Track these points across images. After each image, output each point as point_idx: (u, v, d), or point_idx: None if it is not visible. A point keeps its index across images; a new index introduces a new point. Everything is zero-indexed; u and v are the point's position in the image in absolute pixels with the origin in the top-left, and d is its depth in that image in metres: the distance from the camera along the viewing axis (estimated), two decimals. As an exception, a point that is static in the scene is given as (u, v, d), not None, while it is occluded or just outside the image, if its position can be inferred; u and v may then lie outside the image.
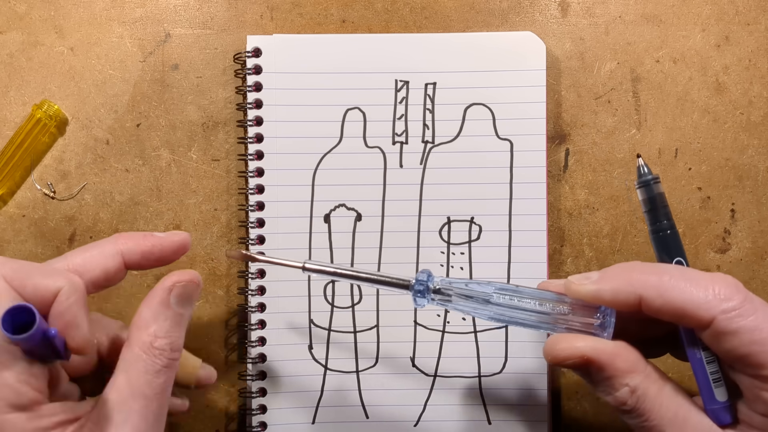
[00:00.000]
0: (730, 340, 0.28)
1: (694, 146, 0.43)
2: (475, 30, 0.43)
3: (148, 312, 0.32)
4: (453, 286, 0.33)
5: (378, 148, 0.42)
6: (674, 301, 0.28)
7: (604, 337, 0.31)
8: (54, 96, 0.43)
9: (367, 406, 0.42)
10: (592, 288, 0.30)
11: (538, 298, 0.32)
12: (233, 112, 0.43)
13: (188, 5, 0.43)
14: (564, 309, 0.31)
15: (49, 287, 0.29)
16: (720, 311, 0.28)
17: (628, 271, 0.30)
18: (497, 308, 0.32)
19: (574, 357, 0.30)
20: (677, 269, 0.30)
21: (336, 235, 0.42)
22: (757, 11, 0.43)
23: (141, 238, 0.33)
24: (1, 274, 0.28)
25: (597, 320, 0.31)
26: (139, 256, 0.33)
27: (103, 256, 0.32)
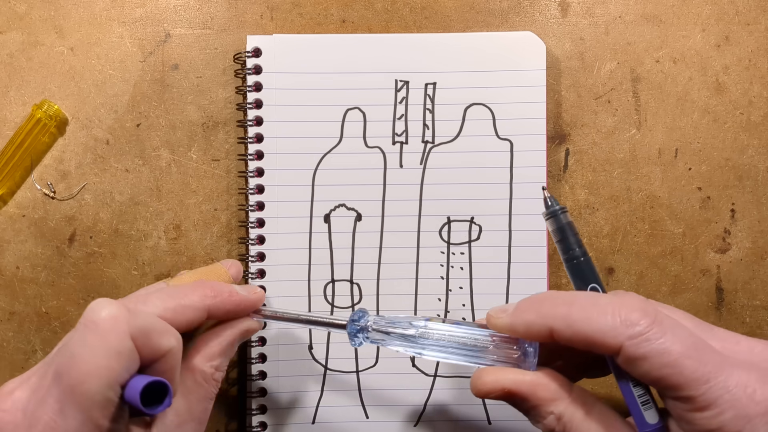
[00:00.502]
0: (641, 365, 0.28)
1: (694, 146, 0.43)
2: (475, 30, 0.43)
3: (218, 347, 0.34)
4: (383, 325, 0.34)
5: (378, 148, 0.42)
6: (582, 331, 0.29)
7: (526, 367, 0.31)
8: (54, 96, 0.43)
9: (367, 406, 0.42)
10: (507, 321, 0.31)
11: (464, 335, 0.33)
12: (233, 112, 0.43)
13: (188, 5, 0.43)
14: (487, 342, 0.32)
15: (163, 347, 0.29)
16: (626, 337, 0.28)
17: (539, 303, 0.30)
18: (425, 345, 0.33)
19: (497, 390, 0.31)
20: (587, 297, 0.30)
21: (336, 235, 0.42)
22: (757, 11, 0.43)
23: (227, 296, 0.34)
24: (129, 332, 0.28)
25: (517, 352, 0.32)
26: (222, 314, 0.35)
27: (191, 310, 0.33)
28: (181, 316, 0.32)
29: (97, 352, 0.27)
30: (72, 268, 0.42)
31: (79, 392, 0.27)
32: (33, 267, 0.42)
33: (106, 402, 0.27)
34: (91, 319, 0.28)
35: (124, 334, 0.28)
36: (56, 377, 0.28)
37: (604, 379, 0.32)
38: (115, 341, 0.27)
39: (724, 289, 0.43)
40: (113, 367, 0.27)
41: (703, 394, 0.27)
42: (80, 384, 0.27)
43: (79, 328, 0.28)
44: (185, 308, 0.32)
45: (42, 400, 0.28)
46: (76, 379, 0.27)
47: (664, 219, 0.43)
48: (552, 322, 0.29)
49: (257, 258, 0.42)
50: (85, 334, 0.27)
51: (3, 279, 0.42)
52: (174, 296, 0.33)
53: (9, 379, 0.30)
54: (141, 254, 0.43)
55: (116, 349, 0.27)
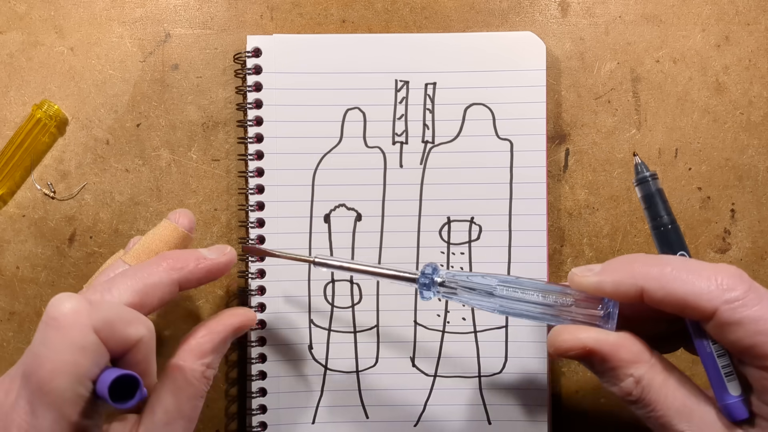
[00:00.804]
0: (734, 331, 0.27)
1: (694, 146, 0.43)
2: (475, 30, 0.43)
3: (210, 345, 0.33)
4: (457, 279, 0.34)
5: (378, 148, 0.42)
6: (676, 292, 0.28)
7: (608, 328, 0.31)
8: (54, 96, 0.43)
9: (367, 406, 0.42)
10: (594, 280, 0.30)
11: (542, 290, 0.32)
12: (233, 112, 0.43)
13: (188, 5, 0.43)
14: (568, 301, 0.31)
15: (131, 337, 0.29)
16: (722, 302, 0.27)
17: (630, 263, 0.30)
18: (501, 300, 0.32)
19: (577, 348, 0.30)
20: (679, 260, 0.30)
21: (336, 235, 0.42)
22: (757, 11, 0.43)
23: (193, 262, 0.33)
24: (92, 325, 0.27)
25: (601, 311, 0.31)
26: (195, 283, 0.33)
27: (161, 288, 0.32)
28: (151, 298, 0.31)
29: (60, 348, 0.26)
30: (72, 268, 0.42)
31: (47, 391, 0.26)
32: (33, 267, 0.42)
33: (77, 398, 0.27)
34: (52, 315, 0.27)
35: (87, 328, 0.27)
36: (24, 378, 0.27)
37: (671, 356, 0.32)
38: (77, 336, 0.27)
39: (724, 289, 0.43)
40: (79, 363, 0.26)
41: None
42: (47, 383, 0.26)
43: (41, 326, 0.27)
44: (153, 287, 0.31)
45: (13, 402, 0.27)
46: (42, 378, 0.26)
47: (664, 219, 0.43)
48: (644, 282, 0.29)
49: (257, 258, 0.42)
50: (46, 332, 0.27)
51: (3, 279, 0.42)
52: (138, 277, 0.31)
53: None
54: (141, 254, 0.43)
55: (80, 344, 0.27)
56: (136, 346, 0.29)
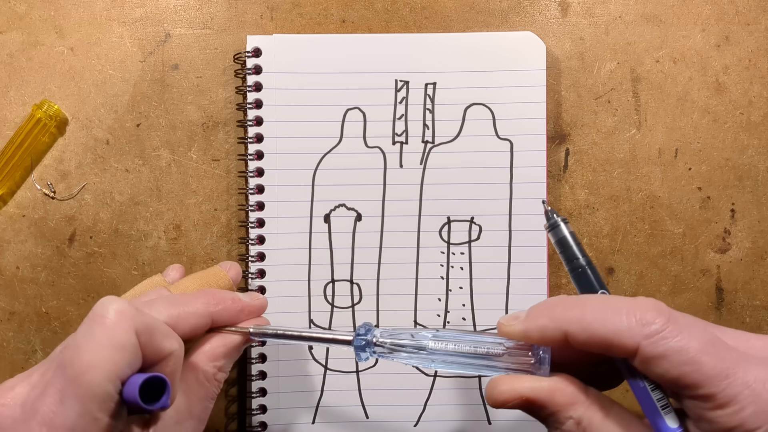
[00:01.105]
0: (659, 365, 0.27)
1: (694, 146, 0.43)
2: (475, 30, 0.43)
3: (223, 349, 0.34)
4: (392, 338, 0.33)
5: (378, 148, 0.42)
6: (597, 333, 0.28)
7: (542, 374, 0.31)
8: (54, 96, 0.43)
9: (367, 406, 0.42)
10: (520, 328, 0.30)
11: (475, 342, 0.32)
12: (233, 112, 0.43)
13: (188, 5, 0.43)
14: (500, 350, 0.32)
15: (165, 349, 0.30)
16: (643, 337, 0.27)
17: (551, 308, 0.30)
18: (435, 356, 0.32)
19: (514, 399, 0.30)
20: (599, 300, 0.30)
21: (336, 235, 0.42)
22: (757, 11, 0.43)
23: (230, 303, 0.35)
24: (134, 328, 0.28)
25: (532, 358, 0.31)
26: (225, 321, 0.35)
27: (195, 317, 0.33)
28: (185, 323, 0.33)
29: (101, 344, 0.27)
30: (72, 268, 0.42)
31: (81, 383, 0.27)
32: (33, 267, 0.42)
33: (106, 396, 0.27)
34: (99, 313, 0.28)
35: (130, 329, 0.28)
36: (60, 368, 0.28)
37: (611, 392, 0.32)
38: (120, 335, 0.28)
39: (724, 289, 0.43)
40: (116, 361, 0.27)
41: (722, 390, 0.26)
42: (82, 374, 0.27)
43: (86, 322, 0.29)
44: (189, 315, 0.33)
45: (42, 392, 0.28)
46: (78, 370, 0.27)
47: (664, 219, 0.43)
48: (566, 326, 0.29)
49: (257, 258, 0.42)
50: (91, 327, 0.28)
51: (3, 279, 0.42)
52: (177, 303, 0.33)
53: (8, 378, 0.30)
54: (141, 254, 0.43)
55: (121, 342, 0.28)
56: (167, 359, 0.30)
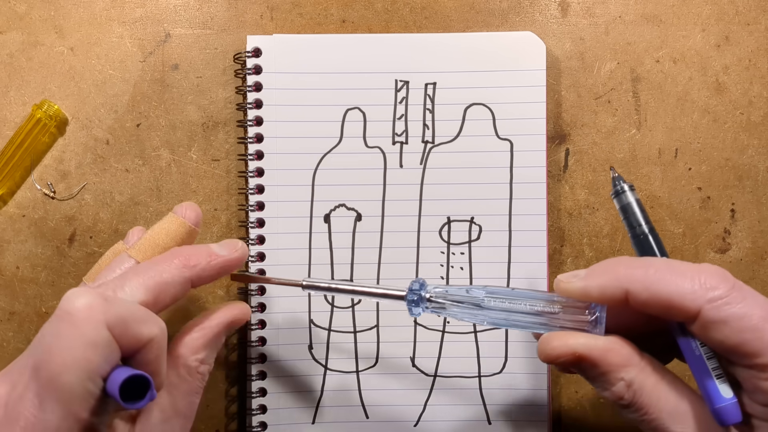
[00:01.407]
0: (720, 330, 0.27)
1: (694, 146, 0.43)
2: (475, 30, 0.43)
3: (203, 340, 0.33)
4: (445, 293, 0.34)
5: (378, 148, 0.42)
6: (660, 293, 0.28)
7: (596, 333, 0.31)
8: (54, 96, 0.43)
9: (367, 406, 0.42)
10: (580, 285, 0.30)
11: (529, 299, 0.32)
12: (233, 112, 0.43)
13: (188, 5, 0.43)
14: (555, 308, 0.32)
15: (144, 336, 0.28)
16: (706, 301, 0.27)
17: (614, 266, 0.30)
18: (490, 312, 0.32)
19: (566, 354, 0.30)
20: (663, 261, 0.30)
21: (336, 235, 0.42)
22: (757, 11, 0.43)
23: (206, 259, 0.33)
24: (105, 322, 0.27)
25: (588, 317, 0.31)
26: (207, 281, 0.33)
27: (174, 286, 0.31)
28: (164, 296, 0.31)
29: (72, 343, 0.26)
30: (72, 268, 0.42)
31: (57, 385, 0.26)
32: (33, 267, 0.42)
33: (86, 394, 0.26)
34: (65, 309, 0.27)
35: (100, 324, 0.27)
36: (34, 371, 0.27)
37: None
38: (90, 332, 0.26)
39: (724, 289, 0.43)
40: (90, 359, 0.26)
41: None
42: (57, 377, 0.26)
43: (54, 320, 0.27)
44: (166, 285, 0.31)
45: (21, 395, 0.27)
46: (53, 372, 0.26)
47: (664, 219, 0.43)
48: (628, 285, 0.28)
49: (257, 258, 0.42)
50: (59, 326, 0.27)
51: (3, 279, 0.42)
52: (151, 274, 0.31)
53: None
54: (141, 254, 0.43)
55: (92, 339, 0.26)
56: (148, 346, 0.28)
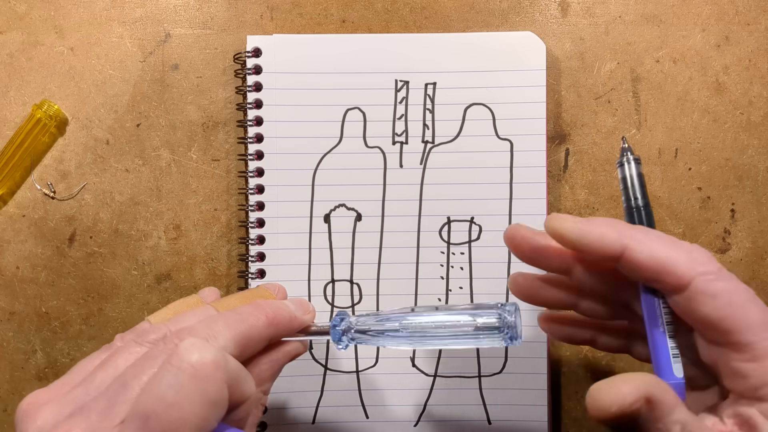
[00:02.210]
0: (707, 303, 0.27)
1: (694, 146, 0.43)
2: (475, 30, 0.43)
3: (270, 372, 0.32)
4: (364, 324, 0.33)
5: (378, 148, 0.42)
6: (658, 255, 0.28)
7: (514, 343, 0.31)
8: (54, 96, 0.43)
9: (367, 406, 0.42)
10: (577, 227, 0.29)
11: (447, 318, 0.32)
12: (233, 112, 0.43)
13: (188, 5, 0.43)
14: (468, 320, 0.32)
15: (246, 395, 0.28)
16: (699, 273, 0.27)
17: (615, 222, 0.29)
18: (409, 336, 0.32)
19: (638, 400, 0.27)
20: (657, 231, 0.30)
21: (336, 235, 0.42)
22: (757, 11, 0.43)
23: (287, 319, 0.32)
24: (225, 379, 0.26)
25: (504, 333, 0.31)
26: (279, 338, 0.33)
27: (259, 342, 0.31)
28: (247, 352, 0.30)
29: (194, 399, 0.25)
30: (72, 268, 0.42)
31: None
32: (33, 267, 0.42)
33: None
34: (190, 362, 0.25)
35: (223, 383, 0.26)
36: (141, 418, 0.25)
37: None
38: (214, 390, 0.25)
39: (724, 289, 0.43)
40: (208, 418, 0.25)
41: (763, 341, 0.26)
42: (172, 431, 0.25)
43: (171, 369, 0.26)
44: (252, 342, 0.30)
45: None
46: (167, 426, 0.25)
47: (664, 219, 0.43)
48: (629, 241, 0.28)
49: (257, 258, 0.42)
50: (181, 378, 0.25)
51: (3, 279, 0.42)
52: (240, 329, 0.30)
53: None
54: (141, 254, 0.43)
55: (214, 398, 0.25)
56: (245, 404, 0.28)
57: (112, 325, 0.43)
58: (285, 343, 0.33)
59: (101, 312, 0.42)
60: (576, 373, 0.43)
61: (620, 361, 0.43)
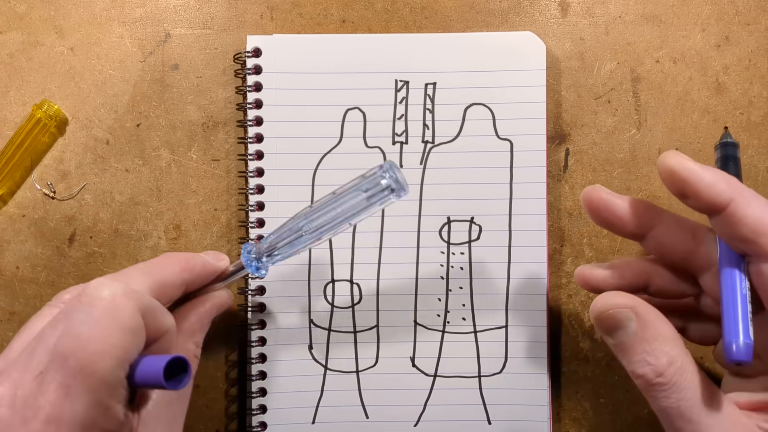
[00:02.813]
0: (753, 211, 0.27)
1: (694, 146, 0.43)
2: (475, 30, 0.43)
3: (199, 324, 0.34)
4: (269, 242, 0.35)
5: (378, 148, 0.42)
6: (764, 216, 0.28)
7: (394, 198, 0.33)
8: (54, 96, 0.43)
9: (367, 406, 0.42)
10: (693, 167, 0.29)
11: (335, 195, 0.34)
12: (233, 112, 0.43)
13: (188, 5, 0.43)
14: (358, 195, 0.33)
15: (164, 326, 0.29)
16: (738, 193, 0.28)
17: (727, 175, 0.30)
18: (314, 231, 0.34)
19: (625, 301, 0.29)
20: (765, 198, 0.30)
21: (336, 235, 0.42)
22: (757, 11, 0.43)
23: (201, 264, 0.34)
24: (138, 308, 0.27)
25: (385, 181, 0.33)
26: (196, 286, 0.34)
27: (173, 287, 0.32)
28: (162, 297, 0.31)
29: (109, 330, 0.26)
30: (72, 268, 0.42)
31: (90, 373, 0.25)
32: (33, 267, 0.42)
33: (116, 382, 0.26)
34: (99, 296, 0.27)
35: (136, 311, 0.27)
36: (59, 361, 0.26)
37: None
38: (128, 318, 0.26)
39: (724, 289, 0.43)
40: (127, 346, 0.26)
41: None
42: (91, 364, 0.25)
43: (81, 307, 0.27)
44: (166, 287, 0.31)
45: (39, 389, 0.26)
46: (86, 360, 0.25)
47: (664, 219, 0.43)
48: (738, 195, 0.28)
49: (257, 258, 0.42)
50: (93, 313, 0.26)
51: (3, 279, 0.42)
52: (154, 275, 0.31)
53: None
54: (141, 254, 0.43)
55: (129, 326, 0.26)
56: (164, 337, 0.29)
57: (112, 325, 0.43)
58: (210, 297, 0.35)
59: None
60: (576, 373, 0.43)
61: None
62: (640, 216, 0.32)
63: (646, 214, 0.32)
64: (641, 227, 0.32)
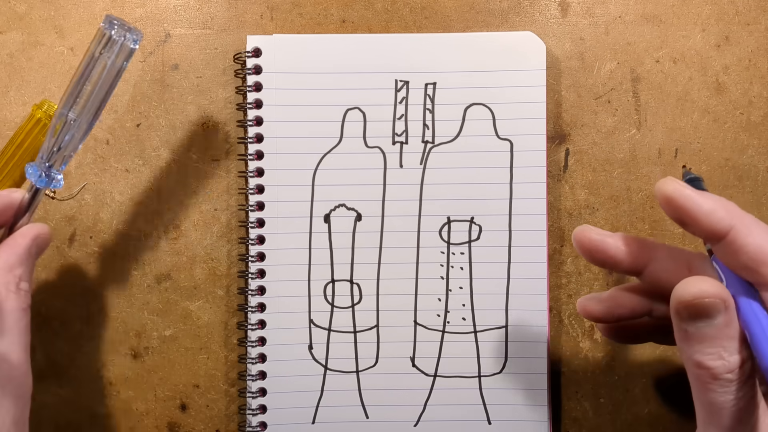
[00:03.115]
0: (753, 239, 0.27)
1: (694, 146, 0.43)
2: (475, 30, 0.43)
3: (15, 258, 0.33)
4: (44, 149, 0.35)
5: (378, 148, 0.42)
6: (765, 245, 0.27)
7: None
8: (54, 96, 0.43)
9: (367, 406, 0.42)
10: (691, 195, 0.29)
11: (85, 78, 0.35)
12: (233, 112, 0.43)
13: (188, 5, 0.43)
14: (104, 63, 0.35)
15: None
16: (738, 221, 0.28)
17: (726, 201, 0.29)
18: (82, 116, 0.35)
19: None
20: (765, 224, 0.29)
21: (336, 235, 0.42)
22: (757, 11, 0.43)
23: None
24: None
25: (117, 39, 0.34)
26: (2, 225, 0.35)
27: None
28: None
29: None
30: (72, 268, 0.42)
31: None
32: (33, 267, 0.42)
33: None
34: None
35: None
36: None
37: None
38: None
39: (724, 289, 0.43)
40: None
41: None
42: None
43: None
44: None
45: None
46: None
47: (664, 219, 0.43)
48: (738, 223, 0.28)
49: (257, 258, 0.42)
50: None
51: (3, 279, 0.42)
52: None
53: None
54: (141, 254, 0.43)
55: None
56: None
57: (113, 325, 0.43)
58: (22, 230, 0.35)
59: (101, 312, 0.42)
60: (576, 373, 0.43)
61: (620, 361, 0.43)
62: (633, 253, 0.31)
63: (639, 251, 0.31)
64: (636, 264, 0.32)
